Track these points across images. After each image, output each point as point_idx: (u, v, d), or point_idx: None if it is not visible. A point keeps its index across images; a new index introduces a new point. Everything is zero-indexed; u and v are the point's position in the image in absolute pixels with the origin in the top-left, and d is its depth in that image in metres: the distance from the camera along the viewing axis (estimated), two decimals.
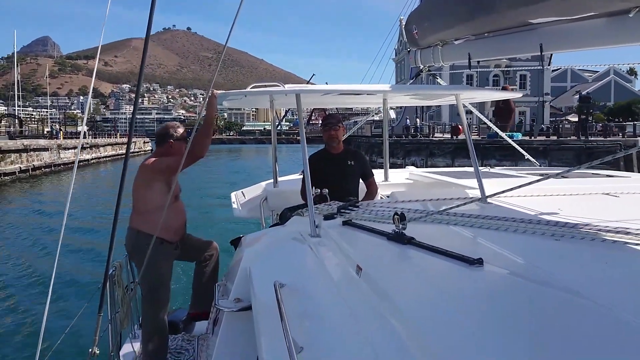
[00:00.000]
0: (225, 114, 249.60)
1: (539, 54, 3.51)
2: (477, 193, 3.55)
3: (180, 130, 4.24)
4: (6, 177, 34.24)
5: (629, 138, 32.36)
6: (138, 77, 3.49)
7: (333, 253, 2.53)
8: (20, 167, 36.19)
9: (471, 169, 4.16)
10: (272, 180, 5.53)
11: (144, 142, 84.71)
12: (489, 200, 3.36)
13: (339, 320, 1.83)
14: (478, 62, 4.30)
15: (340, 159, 4.62)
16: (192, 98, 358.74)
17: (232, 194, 6.10)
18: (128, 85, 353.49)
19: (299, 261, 2.73)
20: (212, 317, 3.76)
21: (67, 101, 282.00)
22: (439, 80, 6.25)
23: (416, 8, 5.15)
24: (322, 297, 2.11)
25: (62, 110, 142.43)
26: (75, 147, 46.99)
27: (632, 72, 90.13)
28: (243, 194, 5.89)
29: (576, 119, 45.40)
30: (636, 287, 1.75)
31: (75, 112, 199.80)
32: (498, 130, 7.04)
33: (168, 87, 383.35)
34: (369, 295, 1.84)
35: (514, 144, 6.56)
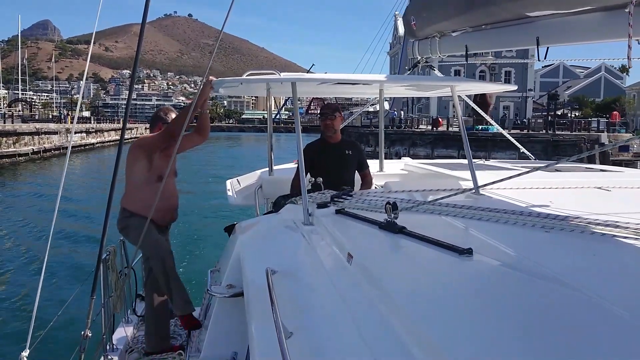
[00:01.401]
0: (225, 102, 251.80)
1: (535, 46, 3.53)
2: (470, 184, 3.60)
3: (172, 114, 4.26)
4: (20, 158, 37.05)
5: (593, 133, 35.14)
6: (134, 62, 3.50)
7: (325, 241, 2.55)
8: (32, 149, 39.04)
9: (466, 162, 4.38)
10: (267, 169, 5.51)
11: (145, 128, 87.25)
12: (481, 191, 3.42)
13: (329, 307, 1.86)
14: (474, 54, 4.35)
15: (338, 149, 4.63)
16: (192, 85, 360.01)
17: (227, 182, 6.09)
18: (128, 71, 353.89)
19: (292, 248, 2.77)
20: (205, 302, 3.94)
21: (68, 85, 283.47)
22: (435, 71, 6.24)
23: None
24: (313, 283, 2.14)
25: (64, 94, 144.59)
26: (82, 132, 49.79)
27: (623, 69, 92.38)
28: (238, 181, 5.87)
29: (571, 115, 48.33)
30: (623, 278, 1.81)
31: (75, 96, 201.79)
32: (493, 123, 7.48)
33: (168, 73, 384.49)
34: (359, 282, 1.86)
35: (510, 137, 7.04)
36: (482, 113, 6.88)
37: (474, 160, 4.25)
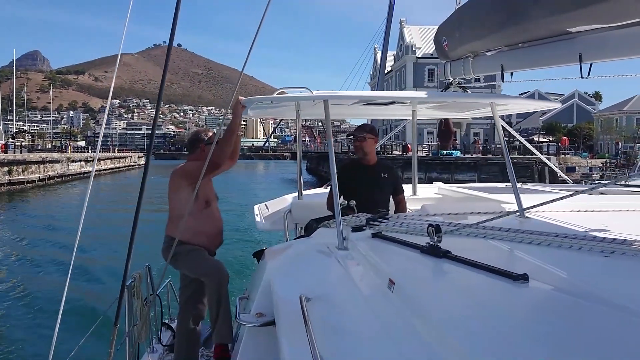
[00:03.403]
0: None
1: (577, 63, 3.35)
2: (512, 207, 3.49)
3: (210, 134, 4.25)
4: (28, 185, 40.51)
5: (545, 155, 39.30)
6: (158, 93, 3.45)
7: (362, 266, 2.47)
8: (39, 177, 42.51)
9: (500, 185, 4.11)
10: (296, 193, 5.40)
11: (138, 157, 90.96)
12: (526, 214, 3.29)
13: (370, 337, 1.76)
14: (511, 74, 4.21)
15: (373, 171, 4.45)
16: (182, 114, 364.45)
17: (255, 207, 6.01)
18: (118, 101, 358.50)
19: (326, 274, 2.66)
20: (233, 331, 3.78)
21: (57, 116, 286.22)
22: (469, 92, 6.01)
23: (446, 19, 5.04)
24: (350, 311, 2.03)
25: (54, 125, 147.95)
26: (81, 160, 53.36)
27: (597, 96, 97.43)
28: (266, 206, 5.74)
29: (541, 139, 52.66)
30: None
31: (65, 126, 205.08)
32: (529, 146, 7.21)
33: None
34: (402, 310, 1.76)
35: (547, 161, 7.53)
36: (516, 134, 6.62)
37: (508, 184, 4.11)
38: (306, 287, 2.33)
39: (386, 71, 61.40)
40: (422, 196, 5.56)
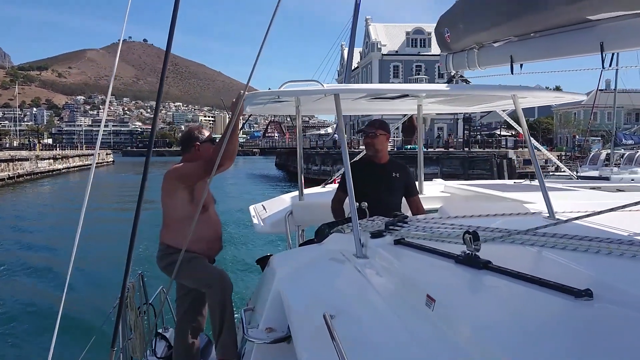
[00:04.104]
0: (183, 127, 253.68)
1: (599, 53, 3.11)
2: (536, 207, 3.28)
3: (206, 132, 4.00)
4: None
5: (502, 150, 41.29)
6: (158, 91, 2.78)
7: (387, 278, 2.24)
8: (8, 175, 42.56)
9: (507, 182, 3.83)
10: (294, 193, 5.12)
11: (106, 154, 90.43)
12: (559, 217, 2.97)
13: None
14: (521, 65, 3.93)
15: (384, 170, 4.15)
16: (149, 110, 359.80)
17: (251, 208, 5.70)
18: (83, 97, 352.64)
19: (345, 285, 2.42)
20: (237, 345, 3.53)
21: (20, 113, 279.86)
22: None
23: (449, 9, 4.76)
24: (383, 330, 1.83)
25: (17, 122, 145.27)
26: (50, 158, 53.37)
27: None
28: (264, 207, 5.45)
29: (504, 133, 54.74)
30: None
31: (28, 124, 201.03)
32: (537, 144, 6.69)
33: (124, 99, 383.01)
34: (447, 333, 1.57)
35: (552, 157, 6.92)
36: (525, 131, 6.08)
37: (518, 181, 3.68)
38: (325, 300, 2.19)
39: (353, 68, 62.98)
40: (427, 195, 5.21)
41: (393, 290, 2.11)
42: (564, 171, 7.33)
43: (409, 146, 40.20)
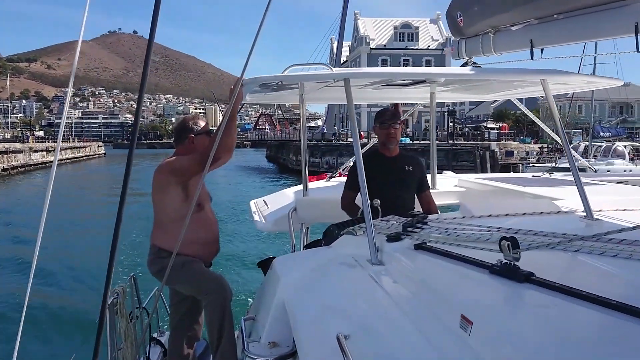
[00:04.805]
0: (173, 119, 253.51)
1: (633, 35, 2.80)
2: (568, 205, 3.01)
3: (202, 122, 3.61)
4: None
5: (485, 142, 42.60)
6: (141, 82, 2.57)
7: (409, 290, 1.94)
8: (3, 167, 43.39)
9: (526, 175, 3.72)
10: (298, 188, 4.80)
11: (98, 146, 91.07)
12: (596, 217, 2.64)
13: None
14: (541, 50, 3.62)
15: (396, 163, 3.81)
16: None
17: (252, 203, 5.38)
18: (74, 89, 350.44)
19: (359, 297, 2.12)
20: (237, 356, 3.26)
21: (9, 105, 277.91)
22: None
23: None
24: (408, 355, 1.60)
25: (6, 114, 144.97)
26: (43, 150, 54.12)
27: None
28: (265, 202, 5.13)
29: (492, 126, 56.15)
30: None
31: (17, 116, 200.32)
32: (553, 135, 6.40)
33: (114, 91, 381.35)
34: None
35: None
36: (541, 124, 6.16)
37: (536, 174, 3.58)
38: (337, 314, 2.00)
39: (342, 61, 63.80)
40: (441, 189, 4.77)
41: (417, 306, 1.80)
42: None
43: None
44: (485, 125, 62.35)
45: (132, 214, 15.02)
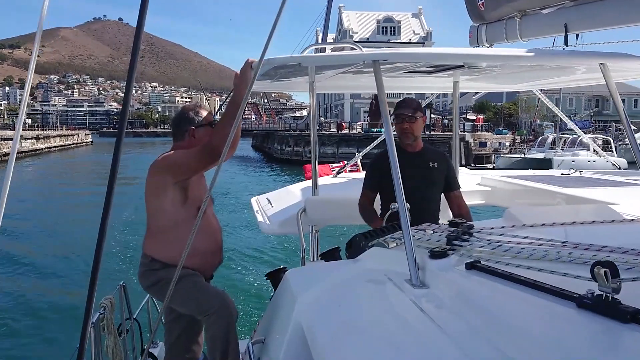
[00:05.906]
0: (160, 107, 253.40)
1: None
2: (629, 212, 2.61)
3: (204, 112, 3.10)
4: None
5: (460, 133, 44.72)
6: (128, 74, 1.93)
7: (467, 325, 1.47)
8: None
9: (554, 173, 3.68)
10: (304, 184, 4.38)
11: (85, 134, 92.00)
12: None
13: None
14: (577, 36, 3.30)
15: (420, 159, 3.41)
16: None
17: (253, 201, 4.76)
18: (57, 76, 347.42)
19: (401, 329, 1.66)
20: None
21: None
22: None
23: None
24: None
25: None
26: (32, 138, 55.41)
27: None
28: (269, 200, 4.50)
29: (472, 117, 58.31)
30: None
31: (1, 103, 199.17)
32: (573, 126, 6.37)
33: (99, 78, 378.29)
34: None
35: (594, 145, 7.39)
36: (559, 113, 5.79)
37: (562, 172, 3.63)
38: (372, 348, 1.52)
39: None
40: (464, 189, 3.97)
41: (479, 348, 1.34)
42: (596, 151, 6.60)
43: (374, 129, 43.21)
44: (466, 117, 64.65)
45: (120, 203, 13.96)
